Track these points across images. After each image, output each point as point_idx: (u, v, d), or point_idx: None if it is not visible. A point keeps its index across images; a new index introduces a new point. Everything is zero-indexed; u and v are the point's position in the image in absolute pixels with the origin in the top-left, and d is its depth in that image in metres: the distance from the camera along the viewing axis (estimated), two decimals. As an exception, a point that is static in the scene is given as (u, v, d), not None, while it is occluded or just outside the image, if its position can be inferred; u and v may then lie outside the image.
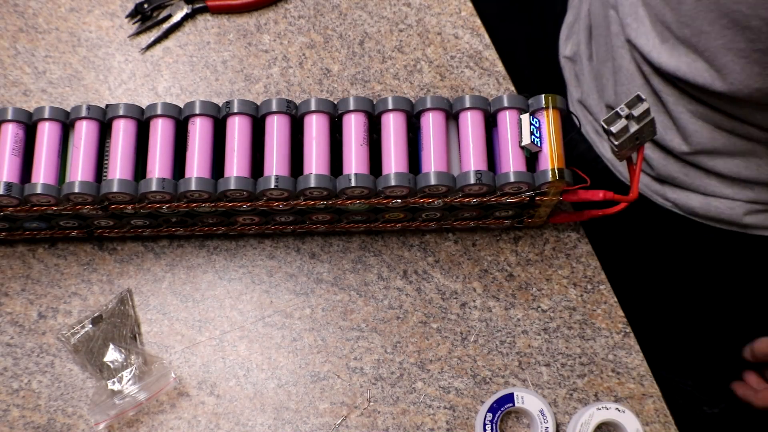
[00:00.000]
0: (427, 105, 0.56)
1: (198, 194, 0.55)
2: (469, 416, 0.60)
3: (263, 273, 0.64)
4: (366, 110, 0.56)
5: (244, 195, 0.55)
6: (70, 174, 0.56)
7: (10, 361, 0.61)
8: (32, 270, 0.63)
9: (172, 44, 0.72)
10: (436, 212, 0.60)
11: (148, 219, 0.60)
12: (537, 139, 0.55)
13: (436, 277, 0.64)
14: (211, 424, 0.59)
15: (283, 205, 0.57)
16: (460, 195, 0.57)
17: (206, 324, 0.62)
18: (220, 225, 0.62)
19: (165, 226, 0.62)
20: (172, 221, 0.61)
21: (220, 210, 0.58)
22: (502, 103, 0.56)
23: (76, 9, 0.73)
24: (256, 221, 0.61)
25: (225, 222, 0.61)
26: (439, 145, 0.56)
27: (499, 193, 0.56)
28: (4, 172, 0.55)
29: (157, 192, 0.55)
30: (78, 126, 0.56)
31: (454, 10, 0.74)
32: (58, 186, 0.55)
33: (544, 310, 0.63)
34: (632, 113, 0.53)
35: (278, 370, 0.61)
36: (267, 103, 0.56)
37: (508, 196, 0.57)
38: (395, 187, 0.55)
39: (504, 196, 0.57)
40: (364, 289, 0.64)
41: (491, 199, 0.57)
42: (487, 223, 0.63)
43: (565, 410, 0.60)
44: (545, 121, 0.55)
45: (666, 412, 0.61)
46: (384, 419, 0.60)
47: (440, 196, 0.57)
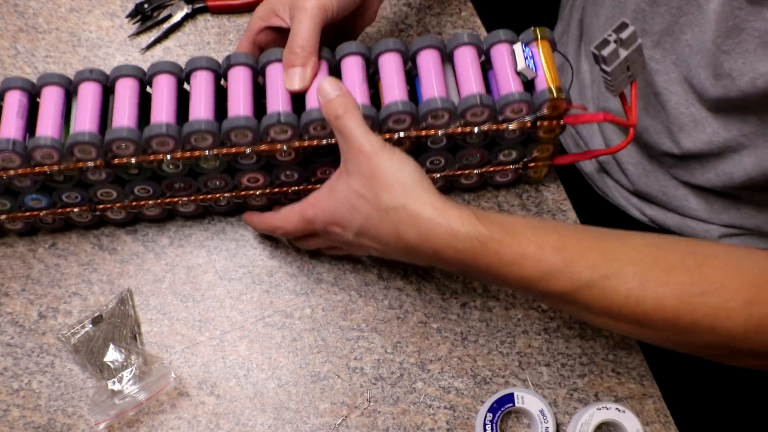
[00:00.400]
0: (421, 44, 0.57)
1: (202, 137, 0.54)
2: (469, 416, 0.60)
3: (263, 273, 0.64)
4: (363, 53, 0.57)
5: (248, 137, 0.55)
6: (73, 130, 0.55)
7: (10, 361, 0.61)
8: (32, 270, 0.63)
9: (173, 44, 0.72)
10: (440, 157, 0.60)
11: (151, 184, 0.58)
12: (531, 63, 0.56)
13: (436, 277, 0.64)
14: (211, 424, 0.59)
15: (287, 148, 0.56)
16: (462, 122, 0.56)
17: (206, 324, 0.62)
18: (224, 189, 0.60)
19: (168, 194, 0.60)
20: (176, 187, 0.59)
21: (223, 161, 0.57)
22: (494, 38, 0.58)
23: (76, 9, 0.73)
24: (260, 182, 0.60)
25: (229, 185, 0.60)
26: (438, 76, 0.56)
27: (501, 118, 0.56)
28: (11, 131, 0.55)
29: (162, 136, 0.54)
30: (82, 87, 0.56)
31: (454, 10, 0.74)
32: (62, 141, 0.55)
33: (544, 310, 0.63)
34: (620, 37, 0.54)
35: (278, 370, 0.61)
36: (267, 54, 0.57)
37: (509, 122, 0.57)
38: (399, 113, 0.55)
39: (506, 122, 0.57)
40: (364, 289, 0.64)
41: (493, 127, 0.57)
42: (491, 170, 0.63)
43: (565, 410, 0.60)
44: (537, 51, 0.57)
45: (666, 412, 0.61)
46: (384, 419, 0.60)
47: (443, 127, 0.56)
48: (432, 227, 0.49)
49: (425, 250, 0.50)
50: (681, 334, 0.48)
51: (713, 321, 0.47)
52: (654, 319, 0.48)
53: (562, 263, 0.48)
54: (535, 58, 0.57)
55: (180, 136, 0.54)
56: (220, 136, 0.55)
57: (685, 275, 0.48)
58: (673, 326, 0.48)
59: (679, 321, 0.47)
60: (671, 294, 0.47)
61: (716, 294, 0.47)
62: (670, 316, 0.47)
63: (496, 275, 0.50)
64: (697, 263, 0.49)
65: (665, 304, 0.47)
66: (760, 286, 0.47)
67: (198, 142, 0.55)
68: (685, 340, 0.49)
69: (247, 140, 0.55)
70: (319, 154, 0.58)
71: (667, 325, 0.48)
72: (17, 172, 0.55)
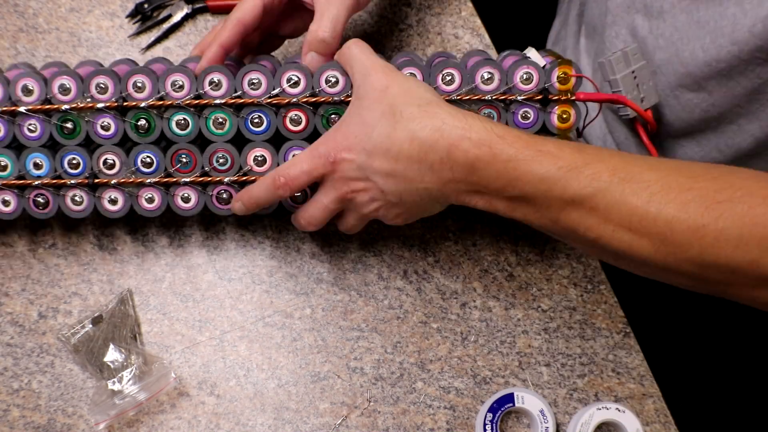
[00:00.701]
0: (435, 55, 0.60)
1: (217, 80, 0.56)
2: (469, 416, 0.60)
3: (263, 273, 0.64)
4: None
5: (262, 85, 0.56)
6: None
7: (10, 361, 0.61)
8: (32, 270, 0.63)
9: (173, 44, 0.72)
10: None
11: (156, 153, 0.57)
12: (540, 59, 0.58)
13: (436, 277, 0.64)
14: (211, 424, 0.59)
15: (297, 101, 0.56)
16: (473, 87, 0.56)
17: (206, 324, 0.62)
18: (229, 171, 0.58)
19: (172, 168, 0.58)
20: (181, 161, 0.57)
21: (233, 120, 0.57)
22: (505, 53, 0.60)
23: (76, 9, 0.73)
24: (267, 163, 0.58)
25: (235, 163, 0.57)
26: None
27: (511, 85, 0.56)
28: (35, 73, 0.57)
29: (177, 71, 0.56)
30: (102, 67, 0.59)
31: (454, 10, 0.74)
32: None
33: (544, 310, 0.63)
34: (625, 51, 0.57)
35: (278, 370, 0.61)
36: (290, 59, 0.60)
37: (520, 93, 0.56)
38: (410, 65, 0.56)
39: (515, 93, 0.56)
40: (364, 289, 0.64)
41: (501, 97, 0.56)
42: None
43: (565, 410, 0.60)
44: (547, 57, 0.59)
45: (666, 412, 0.61)
46: (384, 419, 0.60)
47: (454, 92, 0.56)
48: (447, 120, 0.48)
49: (439, 147, 0.48)
50: (705, 251, 0.45)
51: (740, 229, 0.44)
52: (677, 229, 0.45)
53: (581, 161, 0.46)
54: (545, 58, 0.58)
55: (195, 78, 0.56)
56: (234, 81, 0.56)
57: (710, 182, 0.45)
58: (699, 239, 0.44)
59: (703, 231, 0.44)
60: (695, 199, 0.44)
61: (743, 200, 0.44)
62: (693, 224, 0.44)
63: (512, 176, 0.47)
64: (721, 172, 0.46)
65: (689, 210, 0.44)
66: None
67: (212, 87, 0.56)
68: (710, 259, 0.45)
69: (260, 91, 0.56)
70: (330, 123, 0.56)
71: (692, 238, 0.45)
72: (32, 107, 0.56)
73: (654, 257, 0.47)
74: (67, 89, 0.57)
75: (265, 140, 0.57)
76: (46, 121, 0.57)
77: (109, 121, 0.57)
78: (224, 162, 0.57)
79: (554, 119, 0.57)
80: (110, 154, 0.57)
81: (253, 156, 0.57)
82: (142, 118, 0.57)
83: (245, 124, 0.57)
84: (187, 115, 0.57)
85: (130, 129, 0.57)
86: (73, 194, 0.58)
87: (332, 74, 0.56)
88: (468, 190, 0.50)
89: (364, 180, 0.52)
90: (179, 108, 0.57)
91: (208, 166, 0.57)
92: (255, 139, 0.57)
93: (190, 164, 0.58)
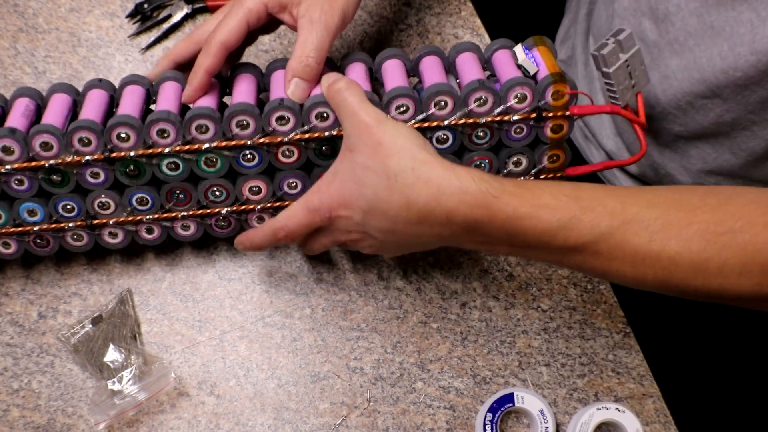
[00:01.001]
0: (424, 51, 0.59)
1: (203, 125, 0.54)
2: (469, 416, 0.60)
3: (263, 273, 0.64)
4: (365, 62, 0.59)
5: (249, 126, 0.54)
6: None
7: (10, 361, 0.61)
8: (32, 270, 0.63)
9: (172, 44, 0.72)
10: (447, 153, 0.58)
11: (150, 193, 0.57)
12: (532, 59, 0.57)
13: (436, 277, 0.64)
14: (211, 424, 0.59)
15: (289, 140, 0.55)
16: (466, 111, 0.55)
17: (206, 324, 0.62)
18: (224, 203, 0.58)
19: (168, 206, 0.58)
20: (176, 196, 0.57)
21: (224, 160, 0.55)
22: (494, 45, 0.59)
23: (76, 9, 0.73)
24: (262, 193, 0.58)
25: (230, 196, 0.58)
26: (440, 74, 0.57)
27: (505, 107, 0.55)
28: (14, 124, 0.55)
29: (163, 120, 0.53)
30: (89, 93, 0.57)
31: (454, 10, 0.74)
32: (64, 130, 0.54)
33: (544, 310, 0.63)
34: (618, 39, 0.55)
35: (278, 370, 0.61)
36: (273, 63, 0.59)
37: (514, 113, 0.56)
38: (401, 96, 0.54)
39: (510, 114, 0.56)
40: (364, 289, 0.64)
41: (497, 118, 0.56)
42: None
43: (565, 410, 0.60)
44: (537, 53, 0.58)
45: (666, 412, 0.61)
46: (384, 419, 0.60)
47: (447, 117, 0.56)
48: (442, 186, 0.48)
49: (437, 214, 0.48)
50: (711, 280, 0.46)
51: (742, 259, 0.45)
52: (681, 264, 0.46)
53: (579, 211, 0.47)
54: (536, 57, 0.57)
55: (181, 124, 0.54)
56: (221, 125, 0.54)
57: (709, 214, 0.46)
58: (703, 271, 0.45)
59: (707, 264, 0.45)
60: (696, 234, 0.45)
61: (743, 230, 0.45)
62: (697, 258, 0.45)
63: (512, 233, 0.48)
64: (720, 202, 0.47)
65: (691, 246, 0.45)
66: None
67: (199, 132, 0.54)
68: (717, 286, 0.46)
69: (248, 131, 0.54)
70: (322, 154, 0.57)
71: (696, 270, 0.45)
72: (15, 166, 0.54)
73: (660, 288, 0.48)
74: (48, 146, 0.54)
75: (259, 173, 0.57)
76: (33, 176, 0.55)
77: (98, 170, 0.55)
78: (220, 195, 0.57)
79: (547, 131, 0.57)
80: (104, 197, 0.57)
81: (248, 187, 0.57)
82: (130, 166, 0.55)
83: (237, 161, 0.56)
84: (177, 158, 0.55)
85: (120, 175, 0.56)
86: (72, 233, 0.58)
87: (322, 111, 0.54)
88: (470, 241, 0.50)
89: (362, 233, 0.53)
90: (168, 155, 0.55)
91: (204, 200, 0.57)
92: (248, 173, 0.57)
93: (186, 199, 0.57)
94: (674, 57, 0.62)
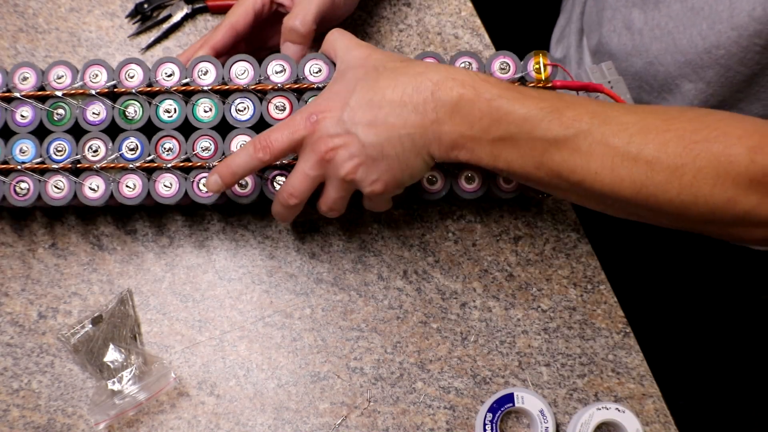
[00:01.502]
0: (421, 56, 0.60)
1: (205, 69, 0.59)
2: (469, 416, 0.60)
3: (263, 273, 0.64)
4: None
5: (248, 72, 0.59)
6: None
7: (10, 361, 0.61)
8: (32, 270, 0.63)
9: (172, 44, 0.72)
10: None
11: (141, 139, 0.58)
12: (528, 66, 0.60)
13: (436, 277, 0.64)
14: (211, 424, 0.59)
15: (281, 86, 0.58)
16: None
17: (206, 324, 0.62)
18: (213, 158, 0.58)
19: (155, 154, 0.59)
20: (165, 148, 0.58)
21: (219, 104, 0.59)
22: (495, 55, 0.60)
23: (76, 9, 0.73)
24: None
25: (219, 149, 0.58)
26: None
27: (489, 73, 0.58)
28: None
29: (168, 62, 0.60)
30: None
31: (454, 10, 0.74)
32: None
33: (544, 310, 0.63)
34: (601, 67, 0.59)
35: (278, 370, 0.61)
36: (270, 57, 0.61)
37: None
38: None
39: None
40: (364, 289, 0.64)
41: None
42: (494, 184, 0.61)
43: (565, 410, 0.60)
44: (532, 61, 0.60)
45: (666, 412, 0.61)
46: (384, 419, 0.60)
47: None
48: (431, 65, 0.50)
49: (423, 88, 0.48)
50: (685, 189, 0.46)
51: (716, 169, 0.45)
52: (657, 168, 0.46)
53: (562, 104, 0.47)
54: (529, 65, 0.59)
55: (185, 68, 0.59)
56: (222, 70, 0.59)
57: (687, 123, 0.46)
58: (679, 177, 0.46)
59: (683, 169, 0.45)
60: (673, 139, 0.46)
61: (718, 140, 0.45)
62: (672, 163, 0.45)
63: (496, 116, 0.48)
64: (697, 115, 0.47)
65: (668, 149, 0.45)
66: (764, 133, 0.45)
67: (200, 75, 0.59)
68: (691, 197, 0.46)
69: (246, 80, 0.59)
70: None
71: (672, 176, 0.46)
72: (30, 93, 0.59)
73: (636, 198, 0.48)
74: (61, 77, 0.60)
75: (249, 127, 0.59)
76: (38, 108, 0.59)
77: (100, 108, 0.59)
78: (208, 149, 0.59)
79: None
80: (97, 140, 0.59)
81: (237, 143, 0.58)
82: (131, 105, 0.59)
83: (230, 112, 0.59)
84: (175, 102, 0.59)
85: (119, 115, 0.59)
86: (54, 181, 0.58)
87: (316, 63, 0.59)
88: (451, 138, 0.49)
89: (344, 135, 0.50)
90: (168, 94, 0.59)
91: (192, 153, 0.59)
92: (240, 126, 0.58)
93: (174, 152, 0.59)
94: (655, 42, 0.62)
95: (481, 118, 0.48)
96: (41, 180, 0.58)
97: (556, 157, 0.48)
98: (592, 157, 0.47)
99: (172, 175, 0.58)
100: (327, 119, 0.51)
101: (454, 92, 0.48)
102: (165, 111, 0.59)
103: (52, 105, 0.59)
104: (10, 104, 0.59)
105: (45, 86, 0.60)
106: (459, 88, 0.48)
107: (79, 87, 0.59)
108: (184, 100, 0.59)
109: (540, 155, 0.48)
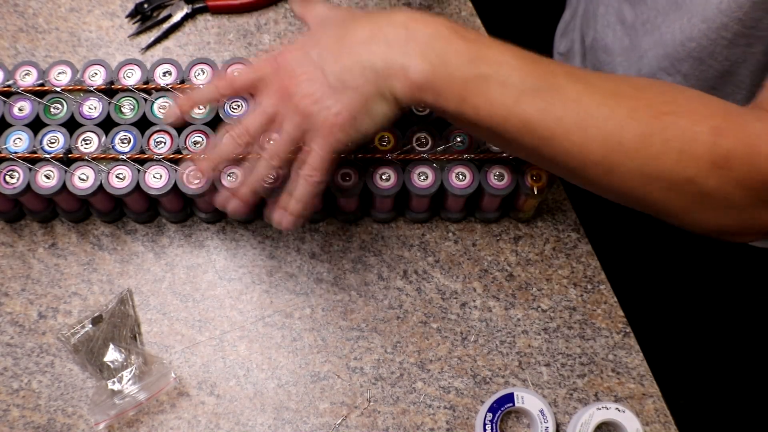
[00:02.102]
0: None
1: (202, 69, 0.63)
2: (469, 416, 0.60)
3: (263, 273, 0.64)
4: None
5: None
6: None
7: (10, 361, 0.61)
8: (32, 270, 0.63)
9: (172, 44, 0.72)
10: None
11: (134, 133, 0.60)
12: None
13: (436, 277, 0.64)
14: (211, 424, 0.59)
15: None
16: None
17: (206, 324, 0.62)
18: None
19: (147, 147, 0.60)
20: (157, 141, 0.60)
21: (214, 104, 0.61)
22: None
23: (76, 9, 0.73)
24: None
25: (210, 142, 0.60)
26: None
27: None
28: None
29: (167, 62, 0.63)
30: None
31: (454, 10, 0.74)
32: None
33: (544, 310, 0.63)
34: None
35: (278, 370, 0.61)
36: None
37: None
38: None
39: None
40: (364, 289, 0.64)
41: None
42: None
43: (565, 410, 0.60)
44: None
45: (666, 412, 0.61)
46: (384, 419, 0.60)
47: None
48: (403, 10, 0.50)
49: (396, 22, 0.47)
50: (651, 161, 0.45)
51: (681, 143, 0.45)
52: (626, 135, 0.45)
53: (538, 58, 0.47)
54: None
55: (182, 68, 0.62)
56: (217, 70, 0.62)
57: (657, 95, 0.47)
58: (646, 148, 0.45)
59: (650, 140, 0.45)
60: (644, 107, 0.45)
61: (685, 116, 0.45)
62: (641, 131, 0.45)
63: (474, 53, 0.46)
64: (667, 88, 0.48)
65: (638, 116, 0.45)
66: (729, 116, 0.45)
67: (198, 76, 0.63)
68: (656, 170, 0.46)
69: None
70: None
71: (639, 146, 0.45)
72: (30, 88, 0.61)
73: (602, 163, 0.47)
74: (61, 74, 0.63)
75: None
76: (36, 102, 0.61)
77: (96, 103, 0.61)
78: (199, 144, 0.60)
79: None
80: (90, 132, 0.60)
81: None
82: (127, 101, 0.61)
83: (224, 109, 0.61)
84: (170, 99, 0.61)
85: (114, 110, 0.61)
86: (45, 171, 0.59)
87: None
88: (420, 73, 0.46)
89: (310, 70, 0.48)
90: (165, 91, 0.61)
91: (183, 146, 0.60)
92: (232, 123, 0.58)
93: (167, 146, 0.60)
94: (646, 36, 0.62)
95: (456, 55, 0.46)
96: (32, 169, 0.59)
97: (528, 107, 0.46)
98: (566, 112, 0.46)
99: (161, 167, 0.59)
100: (293, 54, 0.49)
101: (430, 28, 0.46)
102: (159, 107, 0.61)
103: (50, 100, 0.61)
104: (9, 99, 0.61)
105: (45, 83, 0.62)
106: (436, 24, 0.47)
107: (77, 83, 0.62)
108: None
109: (512, 104, 0.46)
